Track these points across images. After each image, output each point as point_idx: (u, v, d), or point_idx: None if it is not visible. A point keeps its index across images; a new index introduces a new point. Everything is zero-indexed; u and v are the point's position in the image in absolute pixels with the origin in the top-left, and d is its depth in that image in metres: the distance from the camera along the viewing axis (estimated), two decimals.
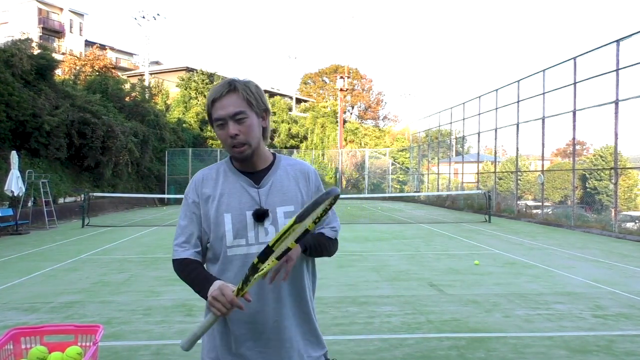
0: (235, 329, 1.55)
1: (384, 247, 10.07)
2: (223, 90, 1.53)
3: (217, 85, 1.58)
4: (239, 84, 1.54)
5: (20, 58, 17.48)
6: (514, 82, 18.36)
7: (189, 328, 4.57)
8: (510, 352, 3.93)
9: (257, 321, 1.54)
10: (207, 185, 1.61)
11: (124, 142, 22.04)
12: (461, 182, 24.59)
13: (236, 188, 1.58)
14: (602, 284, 6.49)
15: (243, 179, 1.60)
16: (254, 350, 1.54)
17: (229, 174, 1.62)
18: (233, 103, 1.52)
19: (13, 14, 42.97)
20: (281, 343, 1.54)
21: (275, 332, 1.54)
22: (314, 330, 1.63)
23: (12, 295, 5.89)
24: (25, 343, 2.18)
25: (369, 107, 50.99)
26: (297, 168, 1.66)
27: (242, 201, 1.56)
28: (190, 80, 35.02)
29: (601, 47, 13.34)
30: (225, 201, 1.57)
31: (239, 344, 1.55)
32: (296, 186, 1.62)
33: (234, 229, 1.54)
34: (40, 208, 14.67)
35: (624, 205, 15.81)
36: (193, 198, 1.61)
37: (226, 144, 1.55)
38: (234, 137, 1.52)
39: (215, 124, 1.55)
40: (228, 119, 1.51)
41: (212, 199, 1.58)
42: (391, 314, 5.02)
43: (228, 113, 1.51)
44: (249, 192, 1.58)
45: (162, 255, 9.04)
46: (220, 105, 1.53)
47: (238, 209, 1.55)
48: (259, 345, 1.54)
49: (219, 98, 1.53)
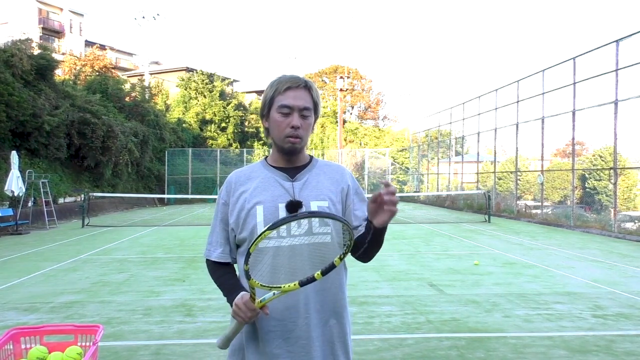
0: (264, 325, 1.52)
1: (383, 247, 10.03)
2: (300, 83, 1.57)
3: (287, 76, 1.59)
4: (313, 86, 1.60)
5: (20, 58, 17.49)
6: (513, 82, 18.38)
7: (188, 328, 4.57)
8: (510, 352, 3.94)
9: (286, 318, 1.51)
10: (240, 183, 1.62)
11: (123, 142, 22.05)
12: (461, 182, 24.59)
13: (270, 182, 1.59)
14: (601, 284, 6.49)
15: (278, 173, 1.61)
16: (282, 349, 1.50)
17: (264, 170, 1.63)
18: (306, 98, 1.57)
19: (13, 14, 42.94)
20: (310, 342, 1.51)
21: (305, 330, 1.51)
22: (344, 336, 1.61)
23: (12, 295, 5.90)
24: (25, 343, 2.18)
25: (369, 107, 50.96)
26: (333, 168, 1.68)
27: (275, 194, 1.56)
28: (190, 80, 35.02)
29: (601, 47, 13.35)
30: (258, 193, 1.57)
31: (266, 342, 1.51)
32: (331, 184, 1.62)
33: (265, 221, 1.51)
34: (40, 208, 14.68)
35: (623, 205, 15.82)
36: (224, 199, 1.64)
37: (281, 133, 1.56)
38: (295, 128, 1.54)
39: (279, 109, 1.55)
40: (296, 110, 1.55)
41: (244, 193, 1.59)
42: (391, 314, 5.02)
43: (299, 105, 1.55)
44: (282, 185, 1.58)
45: (162, 255, 9.04)
46: (294, 94, 1.55)
47: (271, 201, 1.55)
48: (288, 344, 1.50)
49: (295, 88, 1.56)
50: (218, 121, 34.12)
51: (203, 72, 35.21)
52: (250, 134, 36.68)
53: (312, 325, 1.51)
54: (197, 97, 34.51)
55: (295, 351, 1.50)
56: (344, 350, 1.59)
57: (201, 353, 3.93)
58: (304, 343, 1.50)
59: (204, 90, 34.50)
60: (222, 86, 35.50)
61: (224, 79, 36.44)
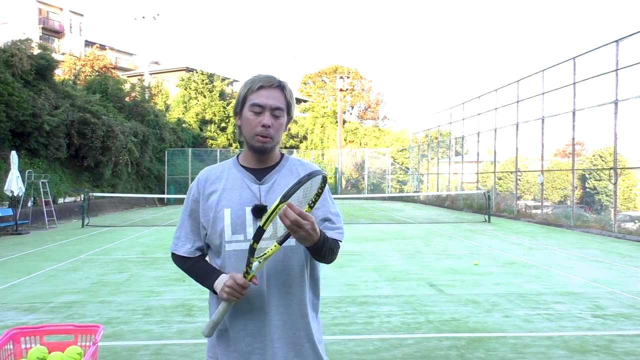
0: (235, 325, 1.55)
1: (383, 247, 10.07)
2: (273, 83, 1.58)
3: (262, 75, 1.60)
4: (286, 86, 1.60)
5: (20, 58, 17.48)
6: (513, 82, 18.38)
7: (188, 328, 4.58)
8: (509, 352, 3.94)
9: (255, 318, 1.54)
10: (210, 182, 1.63)
11: (123, 142, 22.04)
12: (461, 182, 24.59)
13: (238, 184, 1.60)
14: (601, 284, 6.50)
15: (247, 175, 1.61)
16: (252, 346, 1.54)
17: (234, 170, 1.64)
18: (278, 98, 1.57)
19: (13, 14, 42.93)
20: (271, 343, 1.53)
21: (270, 330, 1.53)
22: (310, 336, 1.59)
23: (12, 295, 5.90)
24: (25, 343, 2.18)
25: (369, 107, 50.96)
26: (303, 168, 1.66)
27: (242, 197, 1.57)
28: (190, 80, 35.01)
29: (601, 47, 13.35)
30: (226, 196, 1.58)
31: (237, 341, 1.55)
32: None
33: (232, 224, 1.54)
34: (40, 208, 14.67)
35: (623, 205, 15.82)
36: (195, 196, 1.64)
37: (252, 131, 1.56)
38: (265, 127, 1.54)
39: (250, 108, 1.56)
40: (268, 109, 1.55)
41: (214, 194, 1.60)
42: (391, 314, 5.02)
43: (271, 104, 1.55)
44: (250, 188, 1.58)
45: (162, 255, 9.04)
46: (267, 93, 1.56)
47: (238, 204, 1.56)
48: (257, 342, 1.54)
49: (268, 87, 1.57)
50: (218, 121, 34.12)
51: (203, 72, 35.19)
52: None
53: (275, 327, 1.53)
54: (197, 97, 34.50)
55: (264, 349, 1.53)
56: (314, 349, 1.59)
57: (201, 353, 3.93)
58: (269, 343, 1.53)
59: (203, 90, 34.50)
60: (222, 86, 35.49)
61: (224, 79, 36.43)
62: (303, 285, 1.58)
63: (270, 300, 1.53)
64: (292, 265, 1.55)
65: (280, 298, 1.54)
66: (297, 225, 1.33)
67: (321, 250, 1.48)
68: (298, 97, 49.13)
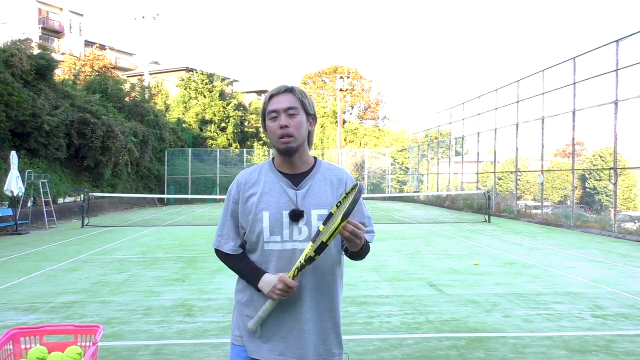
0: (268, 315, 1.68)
1: (383, 247, 10.07)
2: (281, 89, 1.72)
3: (274, 88, 1.75)
4: (296, 88, 1.74)
5: (19, 58, 17.48)
6: (513, 82, 18.37)
7: (188, 328, 4.57)
8: (509, 352, 3.94)
9: (289, 309, 1.67)
10: (249, 185, 1.75)
11: (123, 142, 22.04)
12: (461, 182, 24.58)
13: (276, 188, 1.71)
14: (601, 284, 6.49)
15: (283, 180, 1.73)
16: (278, 335, 1.67)
17: (270, 174, 1.75)
18: (288, 99, 1.70)
19: (13, 14, 42.92)
20: (301, 334, 1.65)
21: (298, 322, 1.66)
22: (336, 327, 1.73)
23: (11, 295, 5.89)
24: (24, 343, 2.18)
25: (369, 107, 50.93)
26: (334, 173, 1.79)
27: (280, 201, 1.69)
28: (190, 80, 35.01)
29: (600, 47, 13.34)
30: (265, 200, 1.70)
31: (263, 329, 1.68)
32: (332, 191, 1.74)
33: (270, 226, 1.67)
34: (39, 208, 14.67)
35: (623, 205, 15.82)
36: (235, 197, 1.76)
37: (275, 137, 1.69)
38: (283, 127, 1.66)
39: (268, 117, 1.71)
40: (281, 112, 1.69)
41: (253, 196, 1.71)
42: (391, 314, 5.02)
43: (282, 107, 1.69)
44: (287, 193, 1.70)
45: (162, 255, 9.04)
46: (276, 100, 1.70)
47: (276, 208, 1.68)
48: (283, 332, 1.67)
49: (276, 94, 1.71)
50: (218, 121, 34.11)
51: (203, 72, 35.19)
52: (250, 134, 36.68)
53: (306, 319, 1.66)
54: (196, 97, 34.50)
55: (289, 338, 1.66)
56: (337, 340, 1.73)
57: (201, 353, 3.93)
58: (297, 334, 1.66)
59: (203, 90, 34.49)
60: (222, 86, 35.48)
61: (223, 79, 36.43)
62: (334, 281, 1.73)
63: (304, 295, 1.66)
64: (325, 264, 1.68)
65: (313, 293, 1.68)
66: (355, 235, 1.53)
67: (362, 252, 1.67)
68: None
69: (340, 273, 1.77)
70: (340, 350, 1.73)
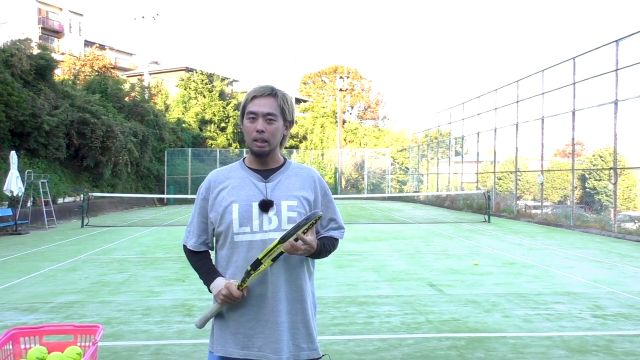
0: (239, 310, 1.71)
1: (383, 247, 10.07)
2: (265, 92, 1.75)
3: (257, 86, 1.78)
4: (279, 92, 1.77)
5: (19, 58, 17.46)
6: (513, 82, 18.37)
7: (188, 328, 4.57)
8: (509, 352, 3.94)
9: (259, 304, 1.70)
10: (219, 181, 1.80)
11: (123, 142, 22.03)
12: (460, 182, 24.59)
13: (245, 182, 1.77)
14: (601, 284, 6.49)
15: (253, 174, 1.78)
16: (255, 330, 1.70)
17: (241, 170, 1.81)
18: (270, 105, 1.74)
19: (12, 14, 42.91)
20: (276, 326, 1.68)
21: (273, 314, 1.69)
22: (306, 320, 1.74)
23: (11, 295, 5.89)
24: (24, 343, 2.18)
25: (369, 107, 50.97)
26: (304, 171, 1.86)
27: (249, 193, 1.74)
28: (189, 80, 34.98)
29: (600, 47, 13.35)
30: (234, 192, 1.75)
31: (240, 324, 1.71)
32: (302, 186, 1.80)
33: (240, 217, 1.71)
34: (39, 208, 14.67)
35: (623, 205, 15.81)
36: (204, 195, 1.81)
37: (249, 137, 1.75)
38: (259, 132, 1.72)
39: (246, 116, 1.75)
40: (260, 116, 1.73)
41: (223, 191, 1.76)
42: (390, 314, 5.02)
43: (262, 111, 1.73)
44: (257, 186, 1.75)
45: (162, 255, 9.04)
46: (259, 102, 1.74)
47: (245, 200, 1.73)
48: (259, 326, 1.70)
49: (260, 96, 1.75)
50: (217, 121, 34.09)
51: (202, 72, 35.15)
52: None
53: (279, 311, 1.69)
54: (196, 97, 34.47)
55: (266, 332, 1.69)
56: (307, 333, 1.74)
57: (201, 353, 3.93)
58: (272, 327, 1.69)
59: (203, 90, 34.47)
60: (222, 86, 35.46)
61: (223, 78, 36.40)
62: (302, 272, 1.76)
63: (276, 288, 1.70)
64: (293, 257, 1.71)
65: (285, 285, 1.71)
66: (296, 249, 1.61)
67: (318, 256, 1.75)
68: (298, 97, 49.17)
69: (308, 265, 1.79)
70: (310, 345, 1.73)
